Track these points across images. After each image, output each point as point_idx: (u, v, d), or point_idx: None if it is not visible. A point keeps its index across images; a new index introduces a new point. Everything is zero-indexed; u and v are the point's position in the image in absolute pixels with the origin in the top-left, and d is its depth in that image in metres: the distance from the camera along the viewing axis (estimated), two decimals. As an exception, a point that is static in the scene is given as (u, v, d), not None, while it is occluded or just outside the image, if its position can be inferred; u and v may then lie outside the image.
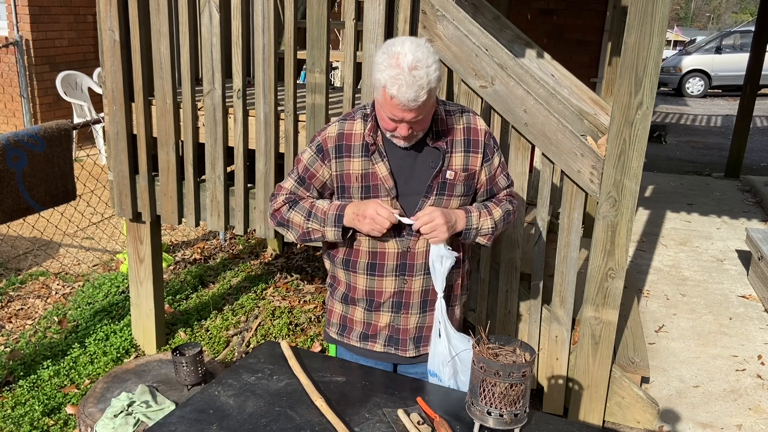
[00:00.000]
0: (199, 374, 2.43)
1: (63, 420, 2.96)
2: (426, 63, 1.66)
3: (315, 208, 1.90)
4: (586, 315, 2.82)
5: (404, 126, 1.74)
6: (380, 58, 1.69)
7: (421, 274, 1.92)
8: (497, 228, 1.94)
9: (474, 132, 1.91)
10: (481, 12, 3.64)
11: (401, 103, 1.67)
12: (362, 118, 1.89)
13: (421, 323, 1.98)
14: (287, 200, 1.95)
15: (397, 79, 1.64)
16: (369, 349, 2.01)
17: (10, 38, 7.18)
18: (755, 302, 4.29)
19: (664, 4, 2.41)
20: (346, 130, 1.88)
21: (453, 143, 1.88)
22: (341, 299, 2.02)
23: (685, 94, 16.42)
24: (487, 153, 1.92)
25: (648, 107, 2.53)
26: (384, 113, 1.75)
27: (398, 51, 1.66)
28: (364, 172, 1.86)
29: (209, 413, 1.67)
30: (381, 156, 1.85)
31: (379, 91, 1.72)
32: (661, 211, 6.18)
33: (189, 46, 2.97)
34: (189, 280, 4.40)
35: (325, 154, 1.89)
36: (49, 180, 3.14)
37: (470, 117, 1.93)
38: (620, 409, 2.98)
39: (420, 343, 2.00)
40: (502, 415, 1.57)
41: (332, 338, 2.09)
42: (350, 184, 1.87)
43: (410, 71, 1.64)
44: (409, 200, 1.87)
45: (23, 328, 3.77)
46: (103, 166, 6.13)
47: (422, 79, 1.65)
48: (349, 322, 2.02)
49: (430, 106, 1.76)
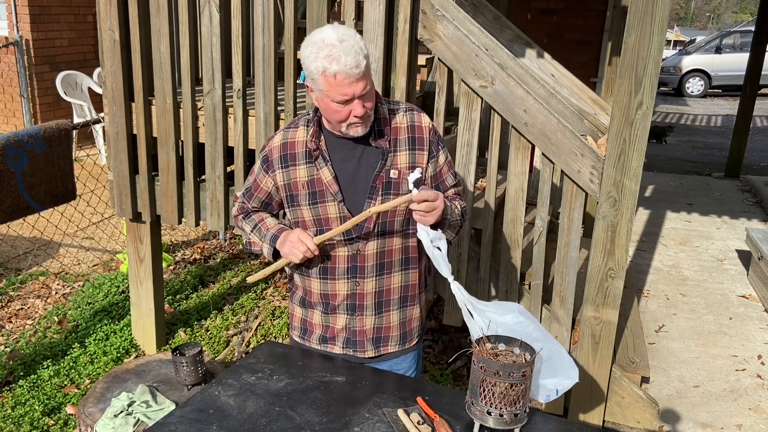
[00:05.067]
0: (199, 374, 2.44)
1: (63, 420, 2.96)
2: (350, 34, 1.67)
3: (262, 223, 1.99)
4: (586, 315, 2.82)
5: (358, 103, 1.71)
6: (306, 52, 1.69)
7: (372, 275, 1.91)
8: (459, 223, 1.91)
9: (418, 129, 1.88)
10: (481, 12, 3.64)
11: (345, 73, 1.64)
12: (305, 124, 1.88)
13: (378, 324, 1.97)
14: (241, 210, 2.04)
15: (333, 54, 1.64)
16: (329, 351, 2.02)
17: (10, 38, 7.18)
18: (755, 302, 4.29)
19: (664, 4, 2.41)
20: (290, 138, 1.88)
21: (397, 142, 1.85)
22: (299, 303, 2.04)
23: (685, 94, 16.42)
24: (433, 150, 1.89)
25: (648, 107, 2.53)
26: (332, 102, 1.71)
27: (320, 37, 1.67)
28: (310, 179, 1.86)
29: (209, 413, 1.67)
30: (324, 161, 1.84)
31: (318, 82, 1.69)
32: (661, 211, 6.18)
33: (189, 46, 2.97)
34: (189, 280, 4.40)
35: (270, 164, 1.90)
36: (49, 180, 3.14)
37: (414, 115, 1.90)
38: (620, 409, 2.98)
39: (380, 343, 1.99)
40: (502, 415, 1.57)
41: (295, 341, 2.10)
42: (298, 191, 1.87)
43: (341, 42, 1.64)
44: (355, 202, 1.85)
45: (23, 328, 3.77)
46: (103, 166, 6.13)
47: (355, 46, 1.65)
48: (309, 325, 2.03)
49: (372, 82, 1.75)
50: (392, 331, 1.99)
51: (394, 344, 2.01)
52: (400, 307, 1.99)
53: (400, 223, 1.89)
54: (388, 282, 1.94)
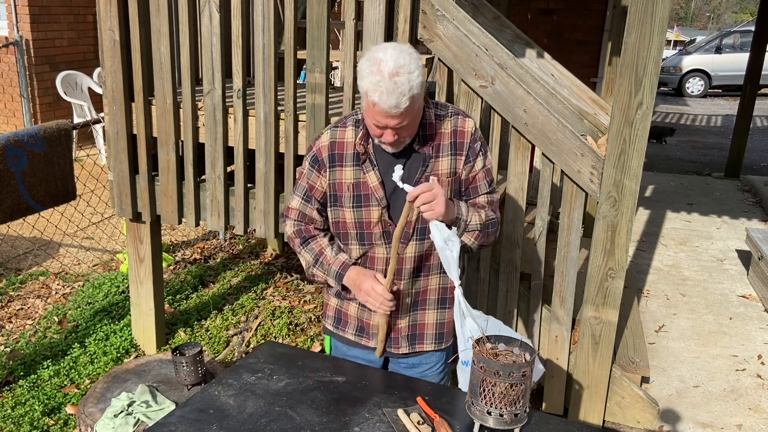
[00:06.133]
0: (199, 374, 2.44)
1: (63, 420, 2.96)
2: (408, 69, 1.64)
3: (322, 256, 1.94)
4: (586, 315, 2.82)
5: (389, 132, 1.72)
6: (363, 65, 1.68)
7: (410, 277, 1.93)
8: (482, 230, 1.89)
9: (460, 134, 1.87)
10: (481, 12, 3.64)
11: (383, 110, 1.65)
12: (353, 125, 1.88)
13: (413, 321, 1.99)
14: (297, 232, 1.98)
15: (378, 86, 1.62)
16: (363, 344, 2.04)
17: (10, 38, 7.17)
18: (755, 302, 4.29)
19: (664, 4, 2.41)
20: (338, 138, 1.88)
21: (440, 147, 1.85)
22: (335, 294, 2.05)
23: (685, 94, 16.42)
24: (470, 156, 1.88)
25: (648, 107, 2.53)
26: (369, 120, 1.74)
27: (380, 57, 1.64)
28: (356, 182, 1.86)
29: (209, 413, 1.67)
30: (372, 165, 1.84)
31: (363, 98, 1.71)
32: (661, 211, 6.18)
33: (189, 46, 2.97)
34: (189, 280, 4.40)
35: (320, 164, 1.89)
36: (49, 180, 3.14)
37: (459, 120, 1.88)
38: (620, 409, 2.98)
39: (414, 340, 2.01)
40: (502, 415, 1.57)
41: (328, 330, 2.12)
42: (342, 193, 1.88)
43: (391, 78, 1.62)
44: (398, 207, 1.86)
45: (23, 328, 3.77)
46: (103, 166, 6.13)
47: (403, 86, 1.62)
48: (344, 315, 2.04)
49: (416, 112, 1.73)
50: (428, 329, 2.00)
51: (429, 342, 2.02)
52: (438, 308, 2.00)
53: None
54: (425, 284, 1.96)
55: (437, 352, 2.05)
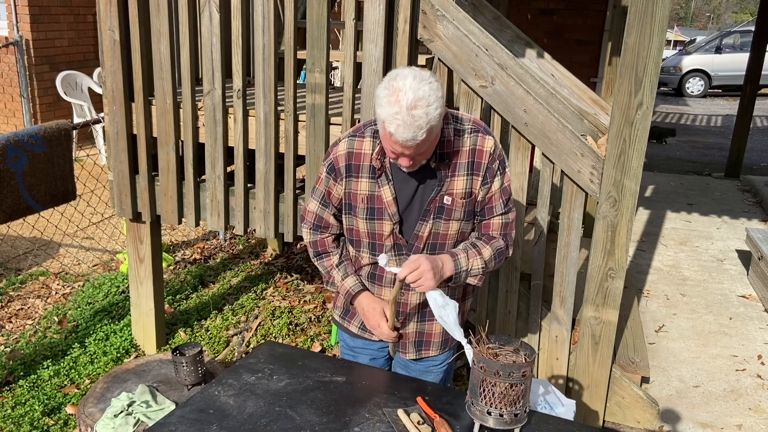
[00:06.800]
0: (199, 374, 2.44)
1: (63, 420, 2.96)
2: (427, 102, 1.58)
3: (332, 277, 2.01)
4: (586, 315, 2.82)
5: (405, 158, 1.71)
6: (381, 93, 1.63)
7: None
8: (488, 267, 1.87)
9: (479, 154, 1.82)
10: (481, 12, 3.64)
11: (399, 141, 1.63)
12: (371, 136, 1.85)
13: (420, 329, 2.01)
14: (312, 244, 2.02)
15: (396, 118, 1.58)
16: (366, 338, 2.06)
17: (10, 38, 7.17)
18: (755, 302, 4.29)
19: (664, 4, 2.41)
20: (356, 149, 1.86)
21: (456, 166, 1.81)
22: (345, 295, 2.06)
23: (685, 94, 16.42)
24: (487, 177, 1.83)
25: (648, 107, 2.53)
26: (385, 145, 1.72)
27: (399, 87, 1.59)
28: (370, 194, 1.85)
29: (209, 413, 1.67)
30: (387, 180, 1.83)
31: (380, 124, 1.67)
32: (661, 211, 6.18)
33: (189, 46, 2.97)
34: (189, 280, 4.40)
35: (337, 173, 1.88)
36: (49, 180, 3.14)
37: (478, 137, 1.83)
38: (620, 409, 2.98)
39: (421, 347, 2.03)
40: (502, 415, 1.57)
41: (336, 320, 2.15)
42: (356, 204, 1.88)
43: (409, 111, 1.57)
44: (410, 223, 1.87)
45: (23, 328, 3.77)
46: (103, 166, 6.13)
47: (421, 119, 1.58)
48: (351, 308, 2.06)
49: (433, 139, 1.70)
50: (434, 337, 2.03)
51: (435, 349, 2.05)
52: None
53: (450, 246, 1.89)
54: None
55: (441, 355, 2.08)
